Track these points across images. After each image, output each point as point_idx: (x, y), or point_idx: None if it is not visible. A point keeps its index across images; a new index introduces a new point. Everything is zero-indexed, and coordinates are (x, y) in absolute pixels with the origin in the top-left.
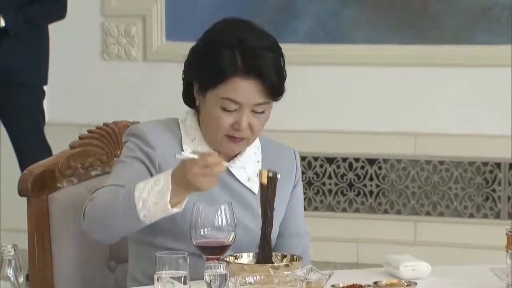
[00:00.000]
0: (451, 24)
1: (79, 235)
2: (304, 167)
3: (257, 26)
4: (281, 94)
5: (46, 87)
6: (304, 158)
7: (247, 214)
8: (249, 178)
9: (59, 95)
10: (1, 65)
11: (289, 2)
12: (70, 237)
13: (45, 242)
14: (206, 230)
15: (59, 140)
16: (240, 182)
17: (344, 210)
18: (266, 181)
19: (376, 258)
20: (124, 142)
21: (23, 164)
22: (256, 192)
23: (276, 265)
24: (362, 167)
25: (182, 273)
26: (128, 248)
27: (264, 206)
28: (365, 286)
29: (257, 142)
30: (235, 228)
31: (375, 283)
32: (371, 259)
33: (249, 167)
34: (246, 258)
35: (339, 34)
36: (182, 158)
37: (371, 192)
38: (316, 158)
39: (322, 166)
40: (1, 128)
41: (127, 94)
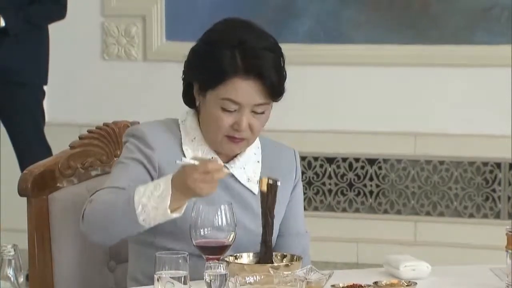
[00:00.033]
0: (451, 24)
1: (79, 235)
2: (304, 167)
3: (257, 26)
4: (281, 95)
5: (46, 87)
6: (304, 158)
7: (247, 215)
8: (249, 179)
9: (59, 95)
10: (1, 65)
11: (289, 2)
12: (70, 237)
13: (45, 242)
14: (206, 230)
15: (59, 140)
16: (240, 182)
17: (344, 210)
18: (266, 188)
19: (376, 258)
20: (123, 143)
21: (23, 164)
22: (256, 192)
23: (276, 265)
24: (362, 167)
25: (182, 273)
26: (128, 248)
27: (264, 214)
28: (365, 286)
29: (257, 142)
30: (235, 228)
31: (375, 283)
32: (371, 259)
33: (249, 167)
34: (246, 258)
35: (339, 34)
36: (183, 163)
37: (371, 192)
38: (316, 158)
39: (322, 166)
40: (1, 128)
41: (127, 94)
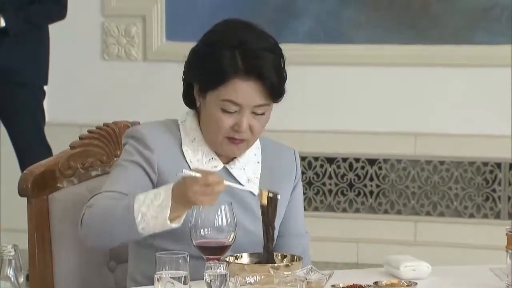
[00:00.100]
0: (451, 24)
1: None
2: (304, 167)
3: (257, 27)
4: (281, 96)
5: (46, 87)
6: (304, 158)
7: (247, 215)
8: (248, 179)
9: (59, 95)
10: (1, 65)
11: (289, 2)
12: (70, 237)
13: (45, 242)
14: (206, 230)
15: (59, 140)
16: (239, 183)
17: (344, 210)
18: (266, 201)
19: (376, 258)
20: (123, 144)
21: (23, 164)
22: (255, 193)
23: (276, 265)
24: (362, 167)
25: (182, 273)
26: (128, 248)
27: (265, 226)
28: (365, 286)
29: (257, 142)
30: (235, 228)
31: (375, 283)
32: (371, 259)
33: (249, 168)
34: (246, 258)
35: (339, 34)
36: (184, 175)
37: (371, 192)
38: (316, 158)
39: (322, 166)
40: (1, 128)
41: (127, 94)
